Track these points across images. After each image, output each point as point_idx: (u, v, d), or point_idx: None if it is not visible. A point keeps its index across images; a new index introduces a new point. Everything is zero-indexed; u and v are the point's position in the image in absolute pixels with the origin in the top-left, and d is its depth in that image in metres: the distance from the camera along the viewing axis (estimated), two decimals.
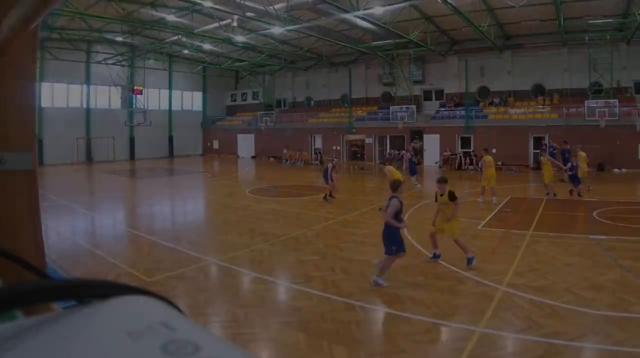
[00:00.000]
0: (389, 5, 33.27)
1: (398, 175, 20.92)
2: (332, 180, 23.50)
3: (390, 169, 21.87)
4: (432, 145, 47.09)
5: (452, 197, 12.80)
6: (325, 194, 23.79)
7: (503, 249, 14.52)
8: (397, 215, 11.33)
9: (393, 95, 52.95)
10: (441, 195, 13.04)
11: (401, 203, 11.43)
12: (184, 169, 46.32)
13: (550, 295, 10.32)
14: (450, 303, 10.12)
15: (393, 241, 11.28)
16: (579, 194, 23.69)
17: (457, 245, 12.70)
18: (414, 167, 30.96)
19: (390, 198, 11.55)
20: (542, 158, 27.03)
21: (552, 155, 38.35)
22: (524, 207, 22.51)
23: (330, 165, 23.70)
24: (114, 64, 53.57)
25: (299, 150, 52.46)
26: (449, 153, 44.59)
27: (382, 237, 11.64)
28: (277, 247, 15.06)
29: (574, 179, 23.48)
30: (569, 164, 23.84)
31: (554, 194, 24.24)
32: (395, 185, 11.89)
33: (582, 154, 25.57)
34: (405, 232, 14.69)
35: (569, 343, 8.03)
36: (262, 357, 8.02)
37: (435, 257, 13.18)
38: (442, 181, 13.30)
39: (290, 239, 16.10)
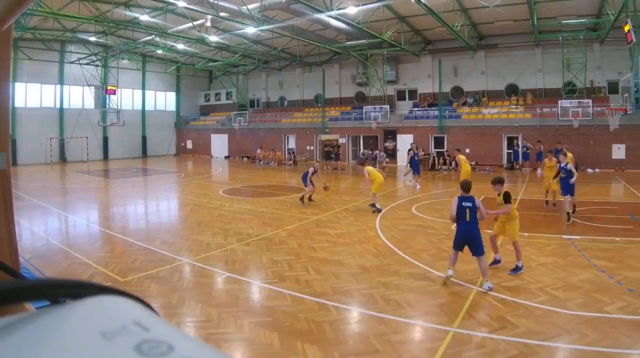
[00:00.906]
0: (363, 5, 33.35)
1: (378, 175, 20.91)
2: (311, 183, 22.96)
3: (369, 169, 21.60)
4: (405, 145, 46.51)
5: (507, 198, 12.22)
6: (303, 196, 23.29)
7: None
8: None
9: (367, 95, 53.13)
10: (498, 195, 12.52)
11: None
12: (157, 169, 46.17)
13: (525, 295, 10.36)
14: (423, 303, 10.12)
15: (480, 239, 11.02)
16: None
17: (514, 248, 12.19)
18: (418, 166, 30.63)
19: (470, 198, 11.12)
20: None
21: (525, 155, 38.63)
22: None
23: (311, 169, 23.26)
24: (87, 64, 53.36)
25: (272, 150, 52.47)
26: (423, 153, 44.13)
27: (472, 238, 10.99)
28: (250, 247, 14.98)
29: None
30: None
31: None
32: (468, 186, 11.51)
33: (570, 154, 25.62)
34: (379, 231, 14.71)
35: (543, 344, 8.04)
36: (235, 356, 7.93)
37: (496, 262, 12.56)
38: (497, 182, 12.63)
39: (263, 239, 16.04)
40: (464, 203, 11.19)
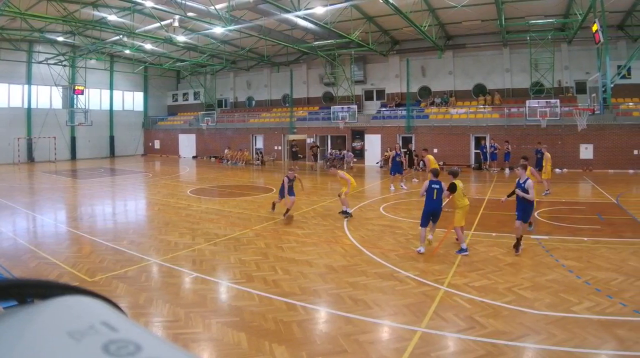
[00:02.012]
0: (330, 5, 33.38)
1: (351, 177, 20.63)
2: (290, 194, 20.32)
3: (343, 173, 20.82)
4: (373, 145, 47.23)
5: (451, 187, 14.28)
6: (288, 209, 20.37)
7: (444, 249, 14.56)
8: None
9: (334, 95, 53.17)
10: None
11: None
12: (125, 169, 45.90)
13: (492, 295, 10.41)
14: (391, 303, 10.13)
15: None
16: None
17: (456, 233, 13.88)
18: (398, 167, 30.24)
19: (438, 182, 13.95)
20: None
21: (493, 155, 38.82)
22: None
23: (285, 179, 20.52)
24: (55, 64, 52.99)
25: (240, 150, 52.34)
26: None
27: (436, 213, 14.37)
28: (218, 247, 14.98)
29: None
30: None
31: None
32: (437, 172, 13.95)
33: (548, 154, 25.71)
34: (346, 231, 14.75)
35: (511, 343, 8.07)
36: (203, 357, 7.91)
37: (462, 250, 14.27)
38: (450, 173, 14.81)
39: (231, 239, 16.04)
40: (433, 186, 14.19)
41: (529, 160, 17.48)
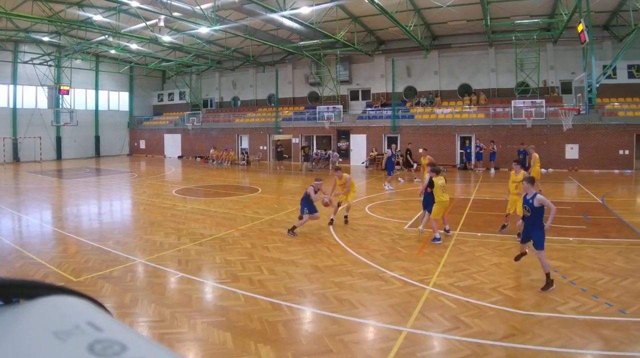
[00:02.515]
0: (316, 5, 33.42)
1: (354, 189, 19.56)
2: (311, 211, 16.74)
3: (349, 177, 18.42)
4: (358, 145, 47.37)
5: (429, 182, 15.45)
6: (293, 227, 17.08)
7: (430, 249, 14.54)
8: None
9: (320, 95, 53.26)
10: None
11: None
12: (110, 169, 45.82)
13: (478, 295, 10.41)
14: (377, 303, 10.13)
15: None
16: None
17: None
18: (392, 167, 30.56)
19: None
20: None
21: (478, 155, 38.88)
22: (451, 206, 22.63)
23: (310, 189, 16.73)
24: (40, 64, 52.79)
25: (225, 150, 52.26)
26: (376, 153, 44.57)
27: (429, 203, 15.72)
28: (204, 247, 14.97)
29: None
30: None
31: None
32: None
33: (536, 155, 25.61)
34: (332, 231, 14.80)
35: (496, 344, 8.08)
36: (188, 356, 7.91)
37: (446, 231, 16.15)
38: (432, 170, 15.70)
39: (217, 239, 16.03)
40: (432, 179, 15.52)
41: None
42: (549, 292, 10.65)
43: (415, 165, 34.93)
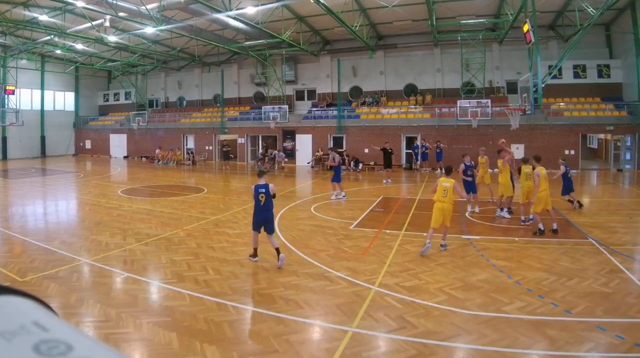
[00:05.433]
0: (262, 5, 33.64)
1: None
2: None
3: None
4: (304, 145, 47.58)
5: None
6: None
7: (375, 249, 14.59)
8: None
9: (265, 95, 53.62)
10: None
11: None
12: (56, 169, 45.38)
13: (423, 295, 10.45)
14: (322, 303, 10.16)
15: None
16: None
17: None
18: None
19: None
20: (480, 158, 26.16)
21: (424, 155, 39.17)
22: (396, 206, 22.84)
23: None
24: None
25: (171, 150, 52.34)
26: (321, 153, 44.66)
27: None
28: (149, 247, 14.89)
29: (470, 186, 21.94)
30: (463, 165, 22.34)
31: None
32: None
33: (482, 159, 25.63)
34: (278, 231, 14.84)
35: (442, 343, 8.11)
36: (134, 356, 7.85)
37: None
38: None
39: (162, 239, 15.97)
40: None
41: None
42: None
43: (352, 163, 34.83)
